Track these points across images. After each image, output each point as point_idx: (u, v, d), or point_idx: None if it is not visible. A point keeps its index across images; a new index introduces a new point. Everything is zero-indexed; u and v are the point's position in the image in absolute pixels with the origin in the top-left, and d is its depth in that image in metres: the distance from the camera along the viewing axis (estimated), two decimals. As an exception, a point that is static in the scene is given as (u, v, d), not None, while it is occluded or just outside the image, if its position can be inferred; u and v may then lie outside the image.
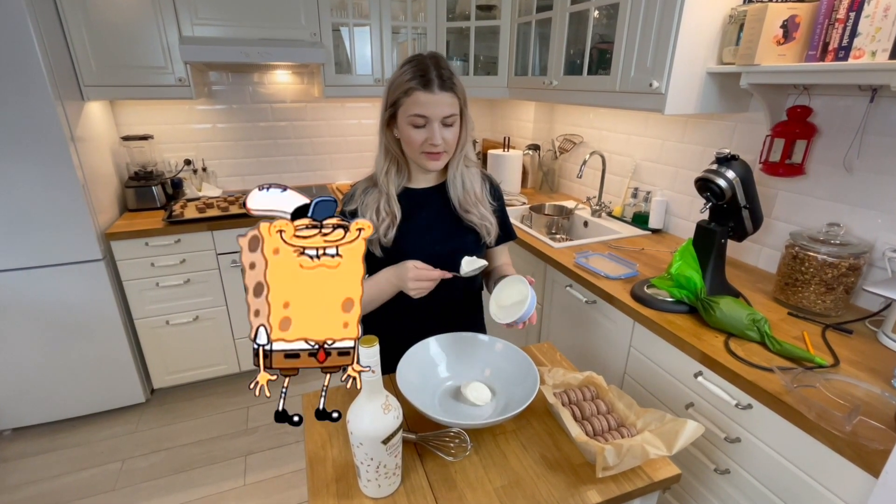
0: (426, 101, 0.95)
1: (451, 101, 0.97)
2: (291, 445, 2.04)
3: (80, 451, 2.00)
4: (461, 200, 1.09)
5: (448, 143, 1.01)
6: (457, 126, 1.01)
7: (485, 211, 1.11)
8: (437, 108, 0.96)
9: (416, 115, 0.96)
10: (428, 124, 0.97)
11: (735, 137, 1.63)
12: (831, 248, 1.22)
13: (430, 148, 1.00)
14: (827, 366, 1.03)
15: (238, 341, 2.35)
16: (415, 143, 0.99)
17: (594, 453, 0.76)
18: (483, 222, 1.10)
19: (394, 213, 1.05)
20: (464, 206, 1.09)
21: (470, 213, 1.09)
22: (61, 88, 1.80)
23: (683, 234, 1.88)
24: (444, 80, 0.96)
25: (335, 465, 0.81)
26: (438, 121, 0.97)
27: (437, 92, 0.95)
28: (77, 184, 1.84)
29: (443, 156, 1.02)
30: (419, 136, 0.99)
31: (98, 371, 2.09)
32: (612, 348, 1.49)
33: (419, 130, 0.98)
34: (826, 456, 0.90)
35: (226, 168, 2.63)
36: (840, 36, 1.15)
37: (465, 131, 1.04)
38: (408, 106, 0.97)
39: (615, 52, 1.63)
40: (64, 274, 1.91)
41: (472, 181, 1.10)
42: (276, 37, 2.17)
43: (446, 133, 0.99)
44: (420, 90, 0.95)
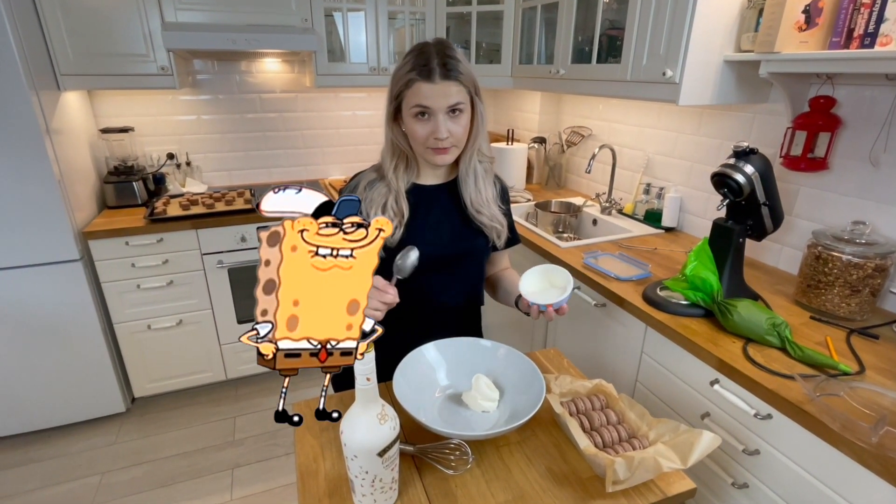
0: (428, 91, 0.94)
1: (457, 90, 0.96)
2: (281, 458, 2.04)
3: (56, 464, 2.00)
4: (473, 199, 1.08)
5: (456, 137, 0.99)
6: (465, 117, 1.00)
7: (496, 212, 1.10)
8: (440, 98, 0.95)
9: (418, 106, 0.96)
10: (432, 116, 0.96)
11: (754, 130, 1.63)
12: (856, 248, 1.22)
13: (435, 143, 0.98)
14: (852, 373, 1.03)
15: (224, 347, 2.35)
16: (419, 137, 0.98)
17: (604, 466, 0.76)
18: (493, 224, 1.09)
19: (402, 211, 1.04)
20: (475, 206, 1.08)
21: (481, 213, 1.08)
22: (36, 77, 1.80)
23: (699, 232, 1.88)
24: (447, 69, 0.95)
25: (328, 478, 0.81)
26: (443, 112, 0.96)
27: (438, 81, 0.94)
28: (53, 179, 1.84)
29: (451, 150, 1.01)
30: (423, 130, 0.98)
31: (75, 379, 2.09)
32: (623, 354, 1.49)
33: (423, 123, 0.98)
34: (851, 469, 0.90)
35: (211, 162, 2.63)
36: (866, 21, 1.15)
37: (477, 123, 1.03)
38: (410, 98, 0.96)
39: (626, 38, 1.63)
40: (39, 275, 1.91)
41: (484, 179, 1.09)
42: (264, 22, 2.17)
43: (453, 125, 0.98)
44: (420, 80, 0.94)
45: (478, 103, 1.02)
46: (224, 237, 2.18)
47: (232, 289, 2.27)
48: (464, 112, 0.99)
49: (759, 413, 1.06)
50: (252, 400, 2.39)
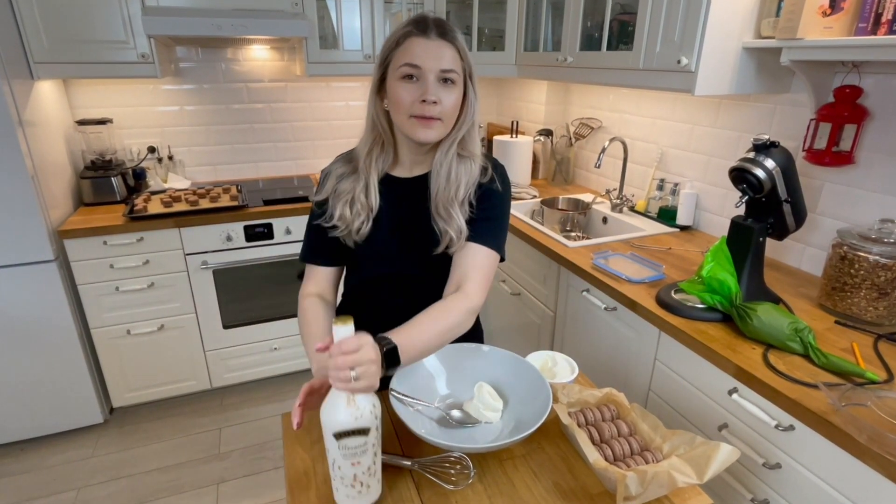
0: (421, 48, 0.92)
1: (452, 56, 0.94)
2: (269, 472, 2.04)
3: (29, 479, 2.00)
4: (440, 193, 1.00)
5: (445, 109, 0.94)
6: (457, 92, 0.96)
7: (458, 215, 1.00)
8: (433, 58, 0.92)
9: (407, 64, 0.92)
10: (422, 78, 0.92)
11: (775, 122, 1.63)
12: (885, 248, 1.22)
13: (421, 109, 0.93)
14: (880, 381, 1.03)
15: (209, 353, 2.35)
16: (404, 102, 0.93)
17: (614, 481, 0.76)
18: (448, 228, 0.99)
19: (371, 205, 1.03)
20: (439, 200, 1.00)
21: (439, 214, 1.00)
22: (7, 66, 1.80)
23: (716, 231, 1.89)
24: (444, 30, 0.94)
25: (319, 494, 0.81)
26: (434, 73, 0.92)
27: (433, 38, 0.92)
28: (25, 174, 1.84)
29: (435, 123, 0.95)
30: (409, 94, 0.93)
31: (49, 388, 2.09)
32: (635, 361, 1.49)
33: (410, 85, 0.93)
34: (879, 484, 0.90)
35: (195, 156, 2.64)
36: (895, 6, 1.15)
37: (466, 108, 1.00)
38: (399, 57, 0.93)
39: (638, 23, 1.63)
40: (10, 277, 1.91)
41: (457, 177, 1.00)
42: (252, 7, 2.17)
43: (443, 93, 0.94)
44: (415, 35, 0.93)
45: (470, 88, 0.99)
46: (209, 236, 2.19)
47: (217, 291, 2.27)
48: (456, 86, 0.96)
49: (780, 424, 1.06)
50: (238, 410, 2.39)
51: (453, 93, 0.95)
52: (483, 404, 0.93)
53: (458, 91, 0.96)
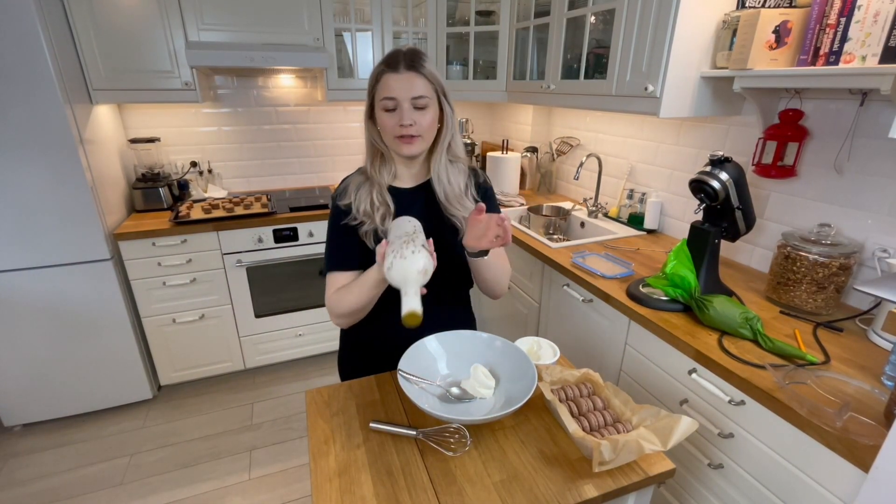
0: (394, 82, 0.95)
1: (422, 84, 0.96)
2: (295, 441, 2.04)
3: (89, 447, 2.00)
4: (447, 193, 1.05)
5: (421, 126, 0.97)
6: (431, 112, 0.98)
7: (469, 204, 1.07)
8: (404, 89, 0.94)
9: (385, 98, 0.96)
10: (398, 107, 0.96)
11: (728, 140, 1.63)
12: (822, 248, 1.22)
13: (402, 130, 0.96)
14: (818, 363, 1.03)
15: (243, 339, 2.35)
16: (388, 128, 0.98)
17: (591, 448, 0.76)
18: (465, 215, 1.05)
19: (387, 202, 1.03)
20: (449, 199, 1.05)
21: (453, 205, 1.05)
22: (70, 92, 1.80)
23: (678, 234, 1.88)
24: (412, 62, 0.95)
25: (338, 459, 0.81)
26: (407, 101, 0.95)
27: (403, 72, 0.94)
28: (86, 185, 1.84)
29: (416, 140, 0.98)
30: (391, 121, 0.97)
31: (106, 368, 2.09)
32: (609, 346, 1.49)
33: (391, 115, 0.97)
34: (817, 451, 0.90)
35: (231, 170, 2.63)
36: (831, 41, 1.15)
37: (445, 122, 1.02)
38: (380, 92, 0.97)
39: (611, 56, 1.63)
40: (73, 273, 1.91)
41: (455, 177, 1.07)
42: (280, 42, 2.17)
43: (417, 116, 0.96)
44: (388, 72, 0.95)
45: (445, 104, 1.01)
46: (243, 238, 2.18)
47: (250, 286, 2.27)
48: (429, 107, 0.98)
49: (733, 399, 1.06)
50: (269, 388, 2.39)
51: (427, 114, 0.98)
52: (478, 382, 0.93)
53: (432, 111, 0.99)
